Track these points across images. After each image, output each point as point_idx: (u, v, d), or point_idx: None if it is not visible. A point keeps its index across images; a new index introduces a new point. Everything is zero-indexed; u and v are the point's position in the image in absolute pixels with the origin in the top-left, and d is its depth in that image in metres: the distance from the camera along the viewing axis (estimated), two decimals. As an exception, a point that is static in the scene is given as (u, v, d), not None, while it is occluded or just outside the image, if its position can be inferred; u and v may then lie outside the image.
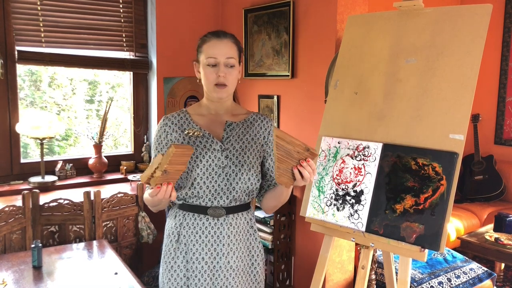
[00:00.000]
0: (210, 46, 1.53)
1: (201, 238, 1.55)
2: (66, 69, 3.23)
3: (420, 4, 1.70)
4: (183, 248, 1.57)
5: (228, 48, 1.53)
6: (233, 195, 1.54)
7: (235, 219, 1.58)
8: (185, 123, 1.59)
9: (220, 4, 3.61)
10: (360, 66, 1.84)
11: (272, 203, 1.63)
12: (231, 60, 1.52)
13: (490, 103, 4.63)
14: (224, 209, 1.55)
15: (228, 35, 1.56)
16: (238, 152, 1.56)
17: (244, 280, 1.61)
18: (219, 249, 1.55)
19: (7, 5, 2.82)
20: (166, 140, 1.58)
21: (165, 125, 1.59)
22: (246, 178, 1.55)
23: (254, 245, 1.65)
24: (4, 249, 2.32)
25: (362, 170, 1.70)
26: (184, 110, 1.64)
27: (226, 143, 1.56)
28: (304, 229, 2.94)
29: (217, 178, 1.52)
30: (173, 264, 1.58)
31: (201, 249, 1.55)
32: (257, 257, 1.65)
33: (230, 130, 1.59)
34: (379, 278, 2.76)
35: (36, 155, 3.14)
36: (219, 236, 1.55)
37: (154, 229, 2.83)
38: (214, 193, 1.53)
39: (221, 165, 1.53)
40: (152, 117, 3.48)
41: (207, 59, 1.52)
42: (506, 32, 4.50)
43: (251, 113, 1.67)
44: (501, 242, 3.13)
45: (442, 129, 1.56)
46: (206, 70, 1.53)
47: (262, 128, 1.64)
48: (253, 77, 3.29)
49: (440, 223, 1.48)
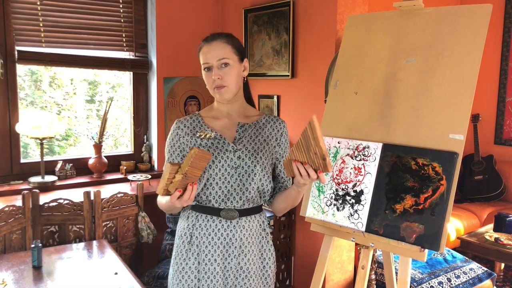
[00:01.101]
0: (203, 53, 1.55)
1: (213, 240, 1.55)
2: (66, 69, 3.23)
3: (420, 4, 1.70)
4: (195, 249, 1.57)
5: (219, 49, 1.52)
6: (246, 195, 1.54)
7: (248, 222, 1.58)
8: (198, 126, 1.60)
9: (220, 4, 3.61)
10: (360, 66, 1.84)
11: (282, 205, 1.63)
12: (224, 60, 1.52)
13: (490, 103, 4.63)
14: (237, 211, 1.55)
15: (219, 36, 1.56)
16: (250, 153, 1.56)
17: (255, 283, 1.60)
18: (231, 251, 1.55)
19: (7, 5, 2.82)
20: (178, 144, 1.59)
21: (178, 128, 1.60)
22: (258, 178, 1.55)
23: (266, 248, 1.65)
24: (4, 249, 2.32)
25: (362, 170, 1.70)
26: (196, 114, 1.65)
27: (239, 144, 1.57)
28: (304, 229, 2.94)
29: (230, 178, 1.53)
30: (184, 265, 1.58)
31: (213, 250, 1.55)
32: (269, 260, 1.65)
33: (243, 131, 1.60)
34: (379, 278, 2.76)
35: (36, 155, 3.14)
36: (231, 238, 1.55)
37: (154, 229, 2.83)
38: (227, 194, 1.53)
39: (233, 165, 1.53)
40: (152, 117, 3.48)
41: (202, 65, 1.56)
42: (506, 32, 4.50)
43: (263, 114, 1.67)
44: (501, 242, 3.13)
45: (442, 129, 1.56)
46: (204, 76, 1.57)
47: (274, 130, 1.64)
48: (253, 77, 3.28)
49: (440, 223, 1.48)
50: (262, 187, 1.57)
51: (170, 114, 3.43)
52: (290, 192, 1.56)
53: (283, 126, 1.66)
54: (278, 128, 1.65)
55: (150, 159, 3.49)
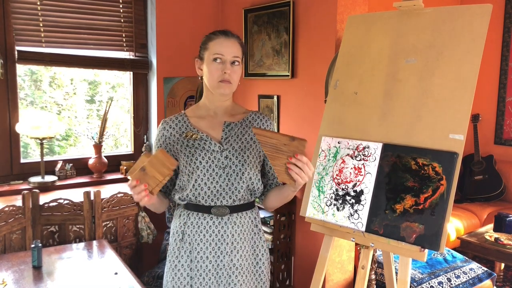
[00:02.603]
0: (218, 43, 1.53)
1: (205, 237, 1.56)
2: (66, 69, 3.23)
3: (420, 4, 1.70)
4: (187, 247, 1.58)
5: (235, 48, 1.55)
6: (235, 194, 1.55)
7: (239, 218, 1.58)
8: (183, 126, 1.60)
9: (220, 4, 3.61)
10: (360, 66, 1.84)
11: (276, 203, 1.64)
12: (237, 59, 1.55)
13: (490, 103, 4.63)
14: (228, 208, 1.55)
15: (234, 35, 1.59)
16: (237, 152, 1.56)
17: (248, 279, 1.61)
18: (223, 248, 1.56)
19: (7, 5, 2.82)
20: (165, 144, 1.59)
21: (163, 129, 1.60)
22: (248, 177, 1.55)
23: (259, 244, 1.65)
24: (4, 249, 2.32)
25: (362, 170, 1.70)
26: (182, 113, 1.64)
27: (225, 143, 1.57)
28: (304, 229, 2.94)
29: (218, 178, 1.53)
30: (177, 263, 1.59)
31: (205, 248, 1.56)
32: (262, 257, 1.66)
33: (229, 131, 1.59)
34: (379, 278, 2.76)
35: (36, 155, 3.14)
36: (223, 235, 1.56)
37: (154, 229, 2.83)
38: (216, 194, 1.54)
39: (221, 165, 1.53)
40: (152, 117, 3.48)
41: (213, 55, 1.52)
42: (506, 32, 4.50)
43: (249, 112, 1.68)
44: (501, 242, 3.13)
45: (442, 129, 1.56)
46: (212, 66, 1.53)
47: (261, 126, 1.65)
48: (253, 77, 3.29)
49: (440, 223, 1.48)
50: (252, 185, 1.57)
51: (170, 114, 3.44)
52: (285, 192, 1.57)
53: (270, 122, 1.67)
54: (266, 125, 1.65)
55: (150, 159, 3.49)
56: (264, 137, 1.36)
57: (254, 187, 1.58)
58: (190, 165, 1.53)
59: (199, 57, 1.61)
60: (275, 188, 1.65)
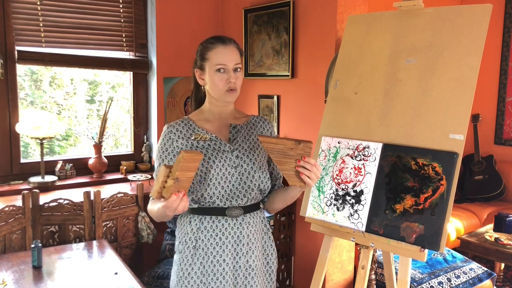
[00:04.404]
0: (218, 53, 1.53)
1: (221, 240, 1.54)
2: (67, 69, 3.23)
3: (420, 4, 1.70)
4: (200, 253, 1.55)
5: (235, 55, 1.55)
6: (249, 193, 1.55)
7: (252, 218, 1.59)
8: (190, 129, 1.58)
9: (220, 4, 3.61)
10: (360, 66, 1.84)
11: (281, 205, 1.64)
12: (239, 65, 1.55)
13: (490, 103, 4.63)
14: (242, 208, 1.56)
15: (231, 41, 1.58)
16: (247, 152, 1.57)
17: (261, 280, 1.61)
18: (239, 249, 1.55)
19: (7, 5, 2.82)
20: (171, 148, 1.56)
21: (170, 133, 1.57)
22: (258, 176, 1.56)
23: (269, 243, 1.66)
24: (4, 249, 2.32)
25: (362, 170, 1.70)
26: (186, 118, 1.63)
27: (234, 144, 1.58)
28: (304, 229, 2.94)
29: (231, 178, 1.53)
30: (190, 270, 1.55)
31: (221, 251, 1.54)
32: (271, 256, 1.66)
33: (236, 132, 1.61)
34: (379, 278, 2.76)
35: (36, 155, 3.14)
36: (239, 236, 1.55)
37: (154, 229, 2.83)
38: (230, 193, 1.53)
39: (233, 164, 1.54)
40: (152, 117, 3.48)
41: (216, 66, 1.52)
42: (506, 32, 4.49)
43: (251, 116, 1.70)
44: (501, 242, 3.13)
45: (442, 129, 1.56)
46: (216, 77, 1.52)
47: (264, 128, 1.68)
48: (253, 77, 3.29)
49: (440, 223, 1.48)
50: (262, 184, 1.58)
51: (170, 114, 3.44)
52: (291, 193, 1.56)
53: (271, 126, 1.71)
54: (267, 128, 1.69)
55: (150, 159, 3.49)
56: (270, 144, 1.38)
57: (264, 186, 1.59)
58: (203, 166, 1.51)
59: (198, 67, 1.59)
60: (280, 190, 1.65)
